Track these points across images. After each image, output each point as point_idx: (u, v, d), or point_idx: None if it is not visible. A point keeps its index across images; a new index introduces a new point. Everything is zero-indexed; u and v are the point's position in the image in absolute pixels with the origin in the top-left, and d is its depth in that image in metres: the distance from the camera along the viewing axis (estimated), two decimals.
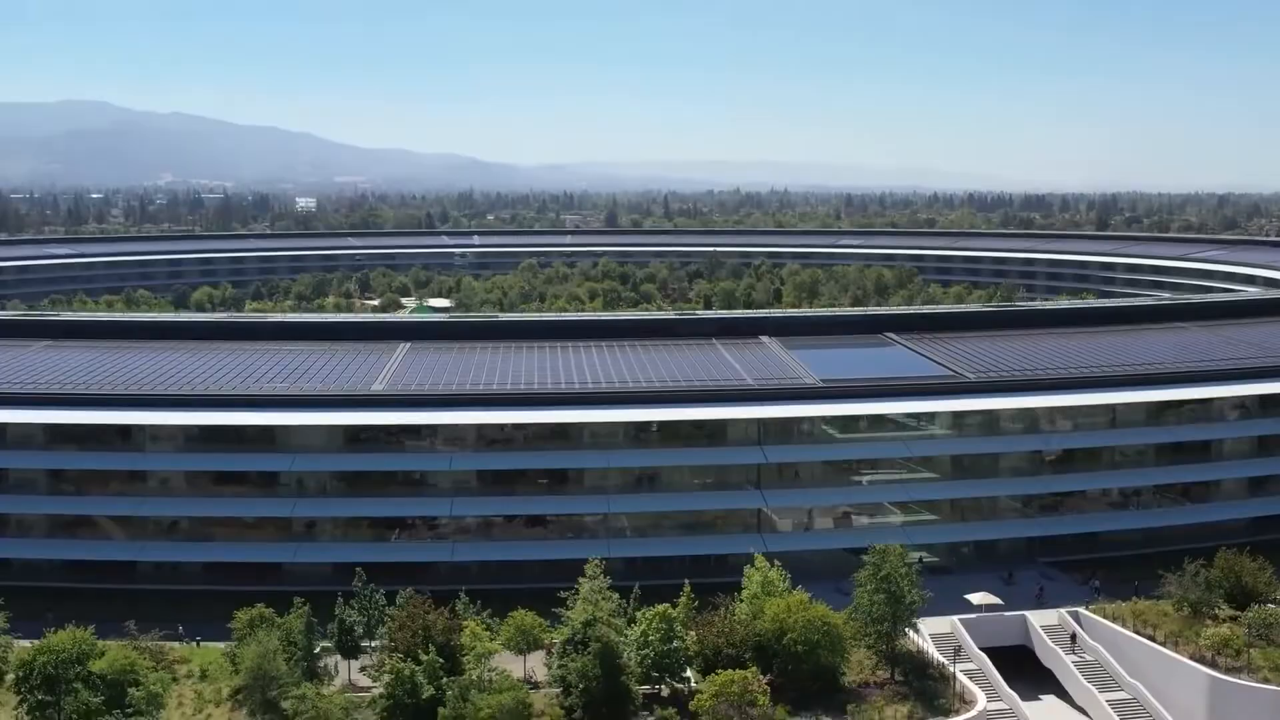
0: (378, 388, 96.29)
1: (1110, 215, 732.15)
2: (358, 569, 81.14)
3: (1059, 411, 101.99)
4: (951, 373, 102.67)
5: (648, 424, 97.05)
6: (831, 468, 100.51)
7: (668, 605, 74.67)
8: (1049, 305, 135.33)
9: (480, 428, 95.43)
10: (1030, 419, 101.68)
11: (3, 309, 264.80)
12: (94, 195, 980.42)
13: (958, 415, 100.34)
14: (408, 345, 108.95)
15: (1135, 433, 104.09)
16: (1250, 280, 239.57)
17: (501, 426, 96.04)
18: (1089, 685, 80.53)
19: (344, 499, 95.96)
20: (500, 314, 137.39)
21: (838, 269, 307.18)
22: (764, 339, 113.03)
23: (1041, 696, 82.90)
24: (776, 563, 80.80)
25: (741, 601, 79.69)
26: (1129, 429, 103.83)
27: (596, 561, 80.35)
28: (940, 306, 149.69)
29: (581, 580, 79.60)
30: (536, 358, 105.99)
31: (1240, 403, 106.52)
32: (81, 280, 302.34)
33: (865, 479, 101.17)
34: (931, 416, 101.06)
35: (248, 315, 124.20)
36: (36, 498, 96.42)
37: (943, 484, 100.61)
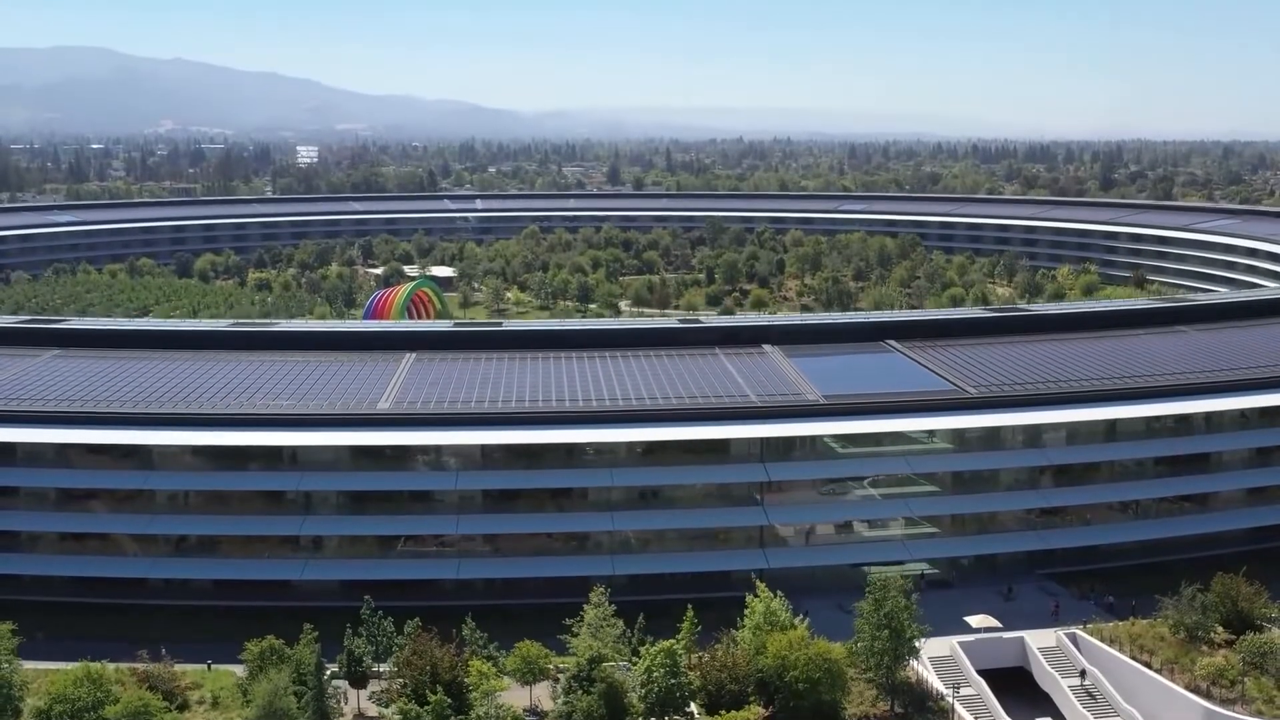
0: (384, 406, 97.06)
1: (1115, 167, 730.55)
2: (366, 597, 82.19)
3: (1061, 427, 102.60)
4: (952, 386, 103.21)
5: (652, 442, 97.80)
6: (833, 483, 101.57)
7: (672, 641, 75.70)
8: (1047, 310, 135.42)
9: (485, 447, 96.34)
10: (1032, 433, 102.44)
11: (8, 281, 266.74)
12: (94, 146, 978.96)
13: (959, 431, 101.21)
14: (413, 356, 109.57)
15: (1139, 446, 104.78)
16: (1253, 254, 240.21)
17: (507, 446, 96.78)
18: (1084, 711, 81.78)
19: (352, 517, 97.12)
20: (504, 321, 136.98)
21: (840, 237, 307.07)
22: (766, 348, 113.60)
23: None
24: (779, 593, 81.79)
25: (744, 628, 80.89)
26: (1132, 442, 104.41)
27: (601, 589, 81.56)
28: (939, 312, 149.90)
29: (586, 607, 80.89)
30: (541, 369, 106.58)
31: (1242, 413, 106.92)
32: (84, 248, 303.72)
33: (866, 493, 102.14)
34: (933, 430, 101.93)
35: (255, 324, 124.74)
36: (46, 514, 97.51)
37: (944, 498, 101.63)
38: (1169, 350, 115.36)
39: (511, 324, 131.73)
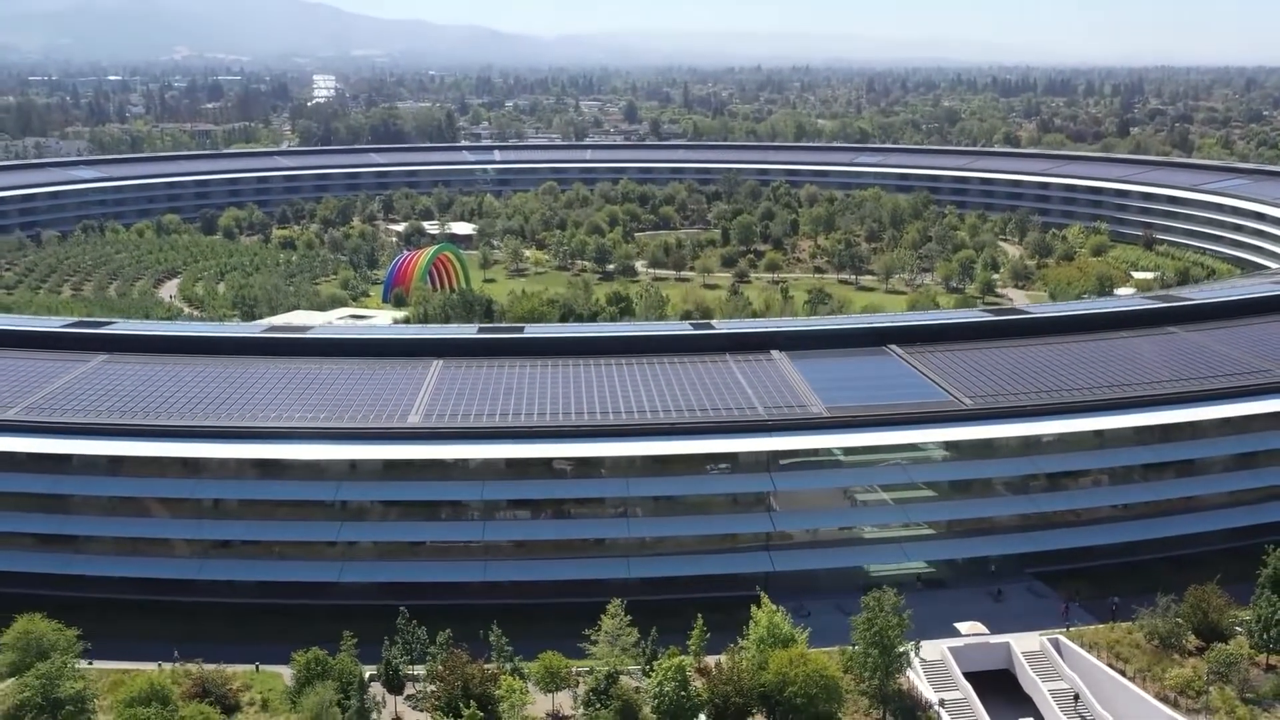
0: (414, 419, 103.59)
1: (1134, 102, 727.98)
2: (402, 609, 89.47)
3: (1052, 437, 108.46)
4: (949, 396, 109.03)
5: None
6: (835, 491, 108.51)
7: (681, 657, 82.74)
8: (1043, 313, 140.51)
9: (510, 460, 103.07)
10: (1025, 443, 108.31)
11: (39, 242, 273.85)
12: (111, 77, 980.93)
13: (955, 443, 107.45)
14: (440, 363, 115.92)
15: (1135, 452, 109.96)
16: (1260, 218, 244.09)
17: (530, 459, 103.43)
18: (1063, 715, 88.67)
19: (386, 524, 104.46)
20: (527, 326, 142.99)
21: (855, 194, 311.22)
22: (774, 354, 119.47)
23: None
24: (780, 607, 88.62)
25: (748, 639, 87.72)
26: (1129, 449, 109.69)
27: (618, 602, 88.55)
28: (940, 316, 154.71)
29: (604, 618, 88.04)
30: (561, 377, 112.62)
31: (1228, 419, 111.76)
32: (111, 204, 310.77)
33: (867, 498, 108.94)
34: (930, 442, 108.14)
35: (291, 331, 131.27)
36: (100, 518, 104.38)
37: (941, 504, 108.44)
38: (1157, 355, 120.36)
39: (533, 329, 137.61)
